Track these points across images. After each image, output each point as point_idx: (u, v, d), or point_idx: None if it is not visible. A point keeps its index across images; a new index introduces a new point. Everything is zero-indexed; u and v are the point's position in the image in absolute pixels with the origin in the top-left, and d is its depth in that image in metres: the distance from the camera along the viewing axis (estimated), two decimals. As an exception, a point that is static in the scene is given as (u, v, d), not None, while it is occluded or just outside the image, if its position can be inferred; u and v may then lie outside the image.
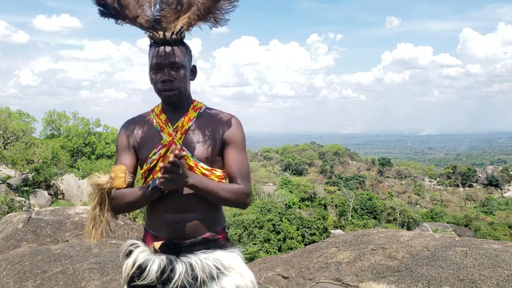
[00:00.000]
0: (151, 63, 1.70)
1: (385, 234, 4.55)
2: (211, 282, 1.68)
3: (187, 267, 1.67)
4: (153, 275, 1.67)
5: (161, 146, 1.74)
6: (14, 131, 29.02)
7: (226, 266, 1.72)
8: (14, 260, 4.62)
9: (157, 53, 1.68)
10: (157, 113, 1.80)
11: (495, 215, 49.49)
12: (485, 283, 3.10)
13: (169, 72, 1.69)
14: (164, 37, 1.67)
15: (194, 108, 1.81)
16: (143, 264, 1.72)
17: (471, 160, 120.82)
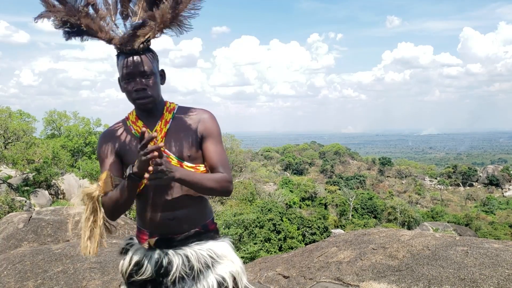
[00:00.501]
0: (122, 73, 1.76)
1: (386, 233, 4.55)
2: (206, 271, 1.80)
3: (183, 259, 1.78)
4: (152, 269, 1.77)
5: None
6: (14, 131, 29.04)
7: (219, 254, 1.83)
8: (15, 259, 4.62)
9: (126, 63, 1.73)
10: (133, 121, 1.87)
11: (495, 215, 49.42)
12: (485, 283, 3.10)
13: (140, 80, 1.75)
14: (132, 47, 1.72)
15: (168, 110, 1.88)
16: (140, 260, 1.81)
17: (471, 159, 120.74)
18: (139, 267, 1.80)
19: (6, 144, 28.59)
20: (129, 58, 1.73)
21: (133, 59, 1.73)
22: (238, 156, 43.52)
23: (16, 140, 28.98)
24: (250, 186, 36.63)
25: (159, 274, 1.78)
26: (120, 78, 1.80)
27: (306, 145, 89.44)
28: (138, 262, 1.81)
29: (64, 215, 6.37)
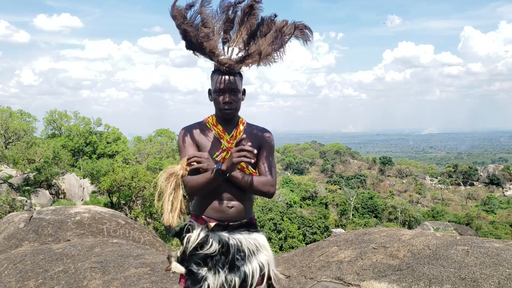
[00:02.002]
0: (216, 87, 2.16)
1: (386, 233, 4.55)
2: (252, 256, 2.18)
3: (237, 242, 2.15)
4: (216, 246, 2.09)
5: (221, 150, 2.20)
6: (15, 130, 29.06)
7: (261, 244, 2.22)
8: (16, 259, 4.63)
9: (222, 80, 2.15)
10: (213, 124, 2.25)
11: (496, 214, 49.37)
12: (486, 282, 3.10)
13: (230, 96, 2.16)
14: (229, 69, 2.13)
15: (241, 122, 2.30)
16: (206, 236, 2.11)
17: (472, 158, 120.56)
18: (204, 243, 2.10)
19: (7, 144, 28.61)
20: (225, 76, 2.14)
21: (228, 78, 2.14)
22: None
23: (17, 140, 29.00)
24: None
25: (220, 252, 2.11)
26: (212, 90, 2.20)
27: (307, 145, 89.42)
28: (204, 238, 2.10)
29: (65, 214, 6.37)
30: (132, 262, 4.48)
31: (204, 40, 2.04)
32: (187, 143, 2.22)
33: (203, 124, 2.28)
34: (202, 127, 2.27)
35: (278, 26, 2.14)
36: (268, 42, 2.08)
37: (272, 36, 2.10)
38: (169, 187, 2.11)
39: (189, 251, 2.11)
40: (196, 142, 2.22)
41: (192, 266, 2.11)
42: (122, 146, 45.45)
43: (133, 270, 4.22)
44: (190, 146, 2.22)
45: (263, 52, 2.07)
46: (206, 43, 2.05)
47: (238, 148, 1.95)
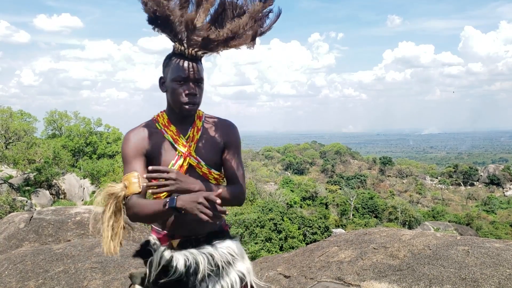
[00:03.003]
0: (176, 74, 1.78)
1: (387, 233, 4.55)
2: (228, 267, 1.90)
3: (208, 257, 1.86)
4: (181, 270, 1.81)
5: (178, 157, 1.85)
6: (15, 131, 29.09)
7: (237, 252, 1.95)
8: (16, 259, 4.63)
9: (184, 66, 1.78)
10: (165, 124, 1.89)
11: (496, 214, 49.34)
12: (487, 282, 3.10)
13: (194, 86, 1.81)
14: (195, 54, 1.78)
15: (198, 117, 1.95)
16: (169, 261, 1.83)
17: (472, 159, 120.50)
18: (167, 268, 1.82)
19: (7, 144, 28.63)
20: (188, 62, 1.78)
21: (193, 65, 1.78)
22: (238, 156, 43.41)
23: (17, 140, 29.03)
24: (251, 185, 36.65)
25: (187, 274, 1.82)
26: (170, 79, 1.81)
27: (307, 145, 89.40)
28: (167, 263, 1.83)
29: (65, 215, 6.38)
30: (132, 262, 4.48)
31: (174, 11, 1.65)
32: (131, 153, 1.83)
33: (152, 126, 1.90)
34: (151, 129, 1.88)
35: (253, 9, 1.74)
36: (251, 23, 1.72)
37: (250, 17, 1.72)
38: (107, 210, 1.75)
39: (152, 278, 1.84)
40: (146, 150, 1.85)
41: None
42: (122, 146, 45.42)
43: (133, 270, 4.22)
44: (135, 158, 1.83)
45: (258, 32, 1.76)
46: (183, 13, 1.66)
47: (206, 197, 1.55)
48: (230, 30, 1.71)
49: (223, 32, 1.71)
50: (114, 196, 1.74)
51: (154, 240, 1.90)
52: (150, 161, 1.85)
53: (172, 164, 1.83)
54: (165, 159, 1.84)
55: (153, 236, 1.93)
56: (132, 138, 1.86)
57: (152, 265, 1.84)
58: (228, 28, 1.71)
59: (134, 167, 1.81)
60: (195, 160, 1.86)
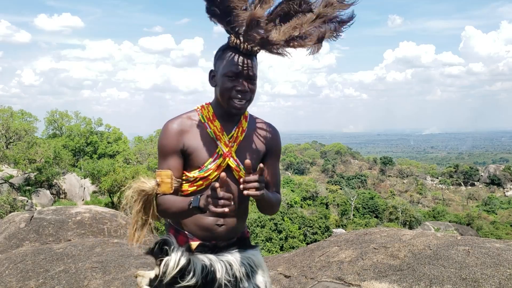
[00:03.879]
0: (228, 69, 1.66)
1: (387, 233, 4.55)
2: (246, 279, 1.77)
3: (227, 266, 1.74)
4: (198, 276, 1.70)
5: (217, 156, 1.73)
6: (16, 130, 29.12)
7: (256, 263, 1.83)
8: (17, 259, 4.63)
9: (238, 60, 1.65)
10: (210, 118, 1.76)
11: (497, 214, 49.36)
12: (487, 282, 3.09)
13: (246, 83, 1.68)
14: (251, 49, 1.65)
15: (244, 117, 1.83)
16: (187, 265, 1.72)
17: (473, 159, 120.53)
18: (184, 272, 1.71)
19: (8, 144, 28.66)
20: (242, 57, 1.66)
21: (247, 60, 1.66)
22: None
23: (18, 140, 29.06)
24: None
25: (203, 281, 1.71)
26: (221, 73, 1.69)
27: (307, 145, 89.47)
28: (185, 265, 1.72)
29: (65, 214, 6.38)
30: (133, 262, 4.48)
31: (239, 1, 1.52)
32: (169, 147, 1.72)
33: (195, 118, 1.77)
34: (193, 121, 1.76)
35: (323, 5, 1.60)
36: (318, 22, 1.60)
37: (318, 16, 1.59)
38: (137, 204, 1.73)
39: (166, 280, 1.72)
40: (185, 145, 1.73)
41: None
42: (123, 146, 45.56)
43: (133, 270, 4.22)
44: (171, 153, 1.73)
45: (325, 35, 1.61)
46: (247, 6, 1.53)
47: (211, 187, 1.44)
48: (292, 27, 1.57)
49: (284, 30, 1.57)
50: (144, 193, 1.72)
51: (172, 240, 1.79)
52: (189, 155, 1.74)
53: (210, 162, 1.72)
54: (203, 155, 1.72)
55: (171, 236, 1.81)
56: (171, 131, 1.73)
57: (169, 266, 1.72)
58: (290, 25, 1.57)
59: (169, 164, 1.72)
60: (235, 162, 1.75)
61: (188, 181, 1.75)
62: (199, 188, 1.74)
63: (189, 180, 1.75)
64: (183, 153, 1.74)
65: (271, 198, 1.76)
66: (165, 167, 1.72)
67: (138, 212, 1.74)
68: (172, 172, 1.71)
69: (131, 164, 37.13)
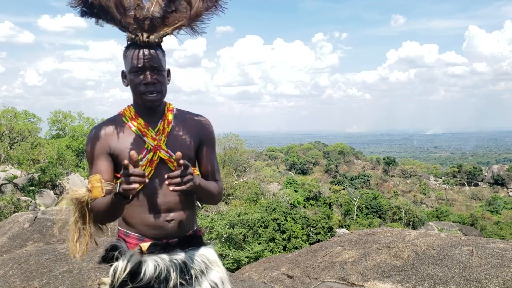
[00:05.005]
0: (131, 65, 1.67)
1: (391, 233, 4.54)
2: (201, 277, 1.76)
3: (181, 265, 1.73)
4: (151, 276, 1.67)
5: (146, 151, 1.73)
6: (20, 131, 29.20)
7: (211, 260, 1.82)
8: (21, 259, 4.64)
9: (138, 55, 1.66)
10: (132, 117, 1.77)
11: (501, 214, 49.17)
12: (491, 282, 3.08)
13: (151, 74, 1.68)
14: (148, 40, 1.66)
15: (169, 110, 1.84)
16: (137, 266, 1.71)
17: (477, 159, 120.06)
18: (135, 274, 1.69)
19: (11, 144, 28.75)
20: (142, 50, 1.66)
21: (147, 52, 1.66)
22: (242, 156, 43.51)
23: (22, 141, 29.14)
24: (254, 186, 36.63)
25: (157, 281, 1.69)
26: (127, 70, 1.71)
27: (310, 145, 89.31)
28: (134, 268, 1.70)
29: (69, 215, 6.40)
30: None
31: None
32: (95, 154, 1.72)
33: (118, 120, 1.78)
34: (117, 123, 1.76)
35: None
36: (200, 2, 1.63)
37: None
38: (73, 214, 1.68)
39: (117, 285, 1.70)
40: (110, 148, 1.72)
41: None
42: (126, 147, 45.57)
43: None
44: (98, 158, 1.72)
45: (194, 6, 1.63)
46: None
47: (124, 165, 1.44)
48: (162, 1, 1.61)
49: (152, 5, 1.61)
50: (78, 201, 1.66)
51: (120, 244, 1.77)
52: (116, 157, 1.74)
53: (141, 158, 1.69)
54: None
55: (120, 240, 1.80)
56: (94, 136, 1.74)
57: (117, 271, 1.71)
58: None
59: (97, 168, 1.72)
60: (166, 154, 1.74)
61: None
62: (140, 188, 1.66)
63: None
64: (111, 156, 1.74)
65: (209, 187, 1.76)
66: (94, 172, 1.71)
67: (75, 222, 1.69)
68: (101, 176, 1.67)
69: (134, 164, 37.11)
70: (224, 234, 21.71)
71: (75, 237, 1.71)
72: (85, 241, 1.73)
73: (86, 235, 1.73)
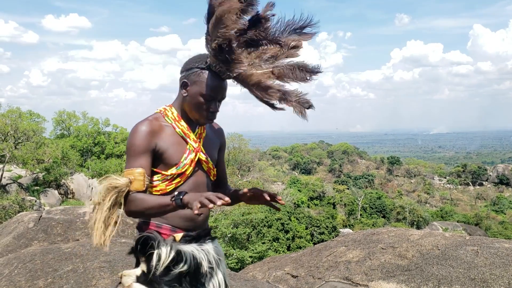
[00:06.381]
0: (208, 92, 1.80)
1: (395, 233, 4.53)
2: (218, 267, 1.92)
3: (207, 254, 1.86)
4: (190, 263, 1.80)
5: (189, 151, 1.88)
6: (24, 131, 29.29)
7: (220, 252, 1.98)
8: (26, 258, 4.66)
9: (217, 86, 1.81)
10: (175, 119, 1.90)
11: (506, 214, 48.97)
12: (496, 282, 3.07)
13: (218, 104, 1.88)
14: (229, 74, 1.80)
15: None
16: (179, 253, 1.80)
17: (481, 158, 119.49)
18: (175, 262, 1.78)
19: (16, 144, 28.85)
20: (221, 82, 1.81)
21: (223, 85, 1.83)
22: (246, 156, 43.55)
23: (26, 140, 29.24)
24: (258, 185, 36.64)
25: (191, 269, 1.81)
26: (199, 92, 1.81)
27: (314, 145, 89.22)
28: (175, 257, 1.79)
29: (74, 214, 6.42)
30: (140, 261, 4.50)
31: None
32: (141, 148, 1.80)
33: (161, 120, 1.88)
34: (161, 123, 1.87)
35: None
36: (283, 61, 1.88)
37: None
38: (107, 202, 1.73)
39: (160, 271, 1.76)
40: (156, 146, 1.82)
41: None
42: (130, 146, 45.58)
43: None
44: (143, 153, 1.80)
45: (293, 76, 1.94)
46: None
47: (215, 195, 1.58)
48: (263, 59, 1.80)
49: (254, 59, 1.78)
50: (117, 190, 1.73)
51: (156, 235, 1.82)
52: (160, 155, 1.84)
53: (185, 158, 1.85)
54: (177, 153, 1.85)
55: (153, 231, 1.86)
56: (142, 131, 1.81)
57: (161, 257, 1.76)
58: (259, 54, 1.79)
59: (141, 163, 1.79)
60: (204, 156, 1.92)
61: (166, 179, 1.85)
62: (178, 185, 1.85)
63: (167, 179, 1.85)
64: (154, 154, 1.84)
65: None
66: (137, 166, 1.79)
67: (106, 210, 1.74)
68: (144, 171, 1.78)
69: (138, 164, 37.17)
70: (228, 233, 21.73)
71: (102, 226, 1.75)
72: (110, 229, 1.78)
73: (111, 224, 1.78)
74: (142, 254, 1.81)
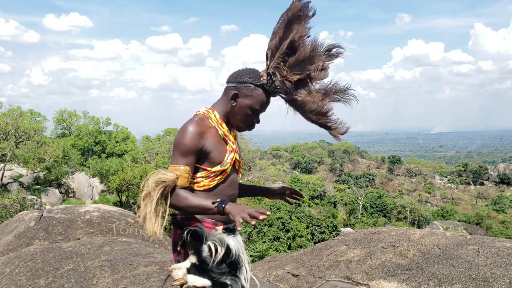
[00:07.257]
0: (258, 107, 2.06)
1: (396, 232, 4.53)
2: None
3: (239, 246, 1.93)
4: (237, 253, 1.88)
5: (229, 152, 2.07)
6: (25, 130, 29.34)
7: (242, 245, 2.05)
8: (27, 257, 4.67)
9: (267, 102, 2.08)
10: (218, 121, 2.08)
11: (507, 213, 48.88)
12: (497, 282, 3.07)
13: (260, 117, 2.13)
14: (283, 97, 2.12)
15: None
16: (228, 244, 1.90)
17: (482, 157, 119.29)
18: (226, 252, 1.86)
19: (17, 143, 28.89)
20: (269, 99, 2.09)
21: (269, 101, 2.10)
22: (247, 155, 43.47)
23: (27, 139, 29.28)
24: (259, 184, 36.60)
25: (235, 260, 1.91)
26: (250, 105, 2.05)
27: (315, 144, 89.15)
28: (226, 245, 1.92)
29: (74, 213, 6.42)
30: (141, 260, 4.50)
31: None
32: (191, 147, 1.96)
33: (206, 122, 2.06)
34: (206, 125, 2.05)
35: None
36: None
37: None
38: (156, 193, 1.88)
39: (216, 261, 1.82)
40: (205, 145, 1.99)
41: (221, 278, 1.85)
42: (131, 146, 45.73)
43: (142, 269, 4.24)
44: (192, 152, 1.97)
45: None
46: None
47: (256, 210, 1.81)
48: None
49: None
50: (164, 184, 1.89)
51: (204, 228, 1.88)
52: (206, 154, 2.00)
53: (227, 157, 2.04)
54: (221, 152, 2.03)
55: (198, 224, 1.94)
56: (192, 132, 1.97)
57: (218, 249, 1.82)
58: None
59: (187, 161, 1.96)
60: (239, 156, 2.15)
61: (209, 176, 2.02)
62: (220, 182, 2.04)
63: (210, 176, 2.02)
64: (200, 153, 2.00)
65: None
66: (183, 163, 1.96)
67: (156, 202, 1.89)
68: (189, 168, 1.96)
69: (139, 163, 37.26)
70: (228, 233, 21.70)
71: (153, 216, 1.90)
72: (160, 221, 1.92)
73: (158, 216, 1.92)
74: (190, 247, 1.87)
